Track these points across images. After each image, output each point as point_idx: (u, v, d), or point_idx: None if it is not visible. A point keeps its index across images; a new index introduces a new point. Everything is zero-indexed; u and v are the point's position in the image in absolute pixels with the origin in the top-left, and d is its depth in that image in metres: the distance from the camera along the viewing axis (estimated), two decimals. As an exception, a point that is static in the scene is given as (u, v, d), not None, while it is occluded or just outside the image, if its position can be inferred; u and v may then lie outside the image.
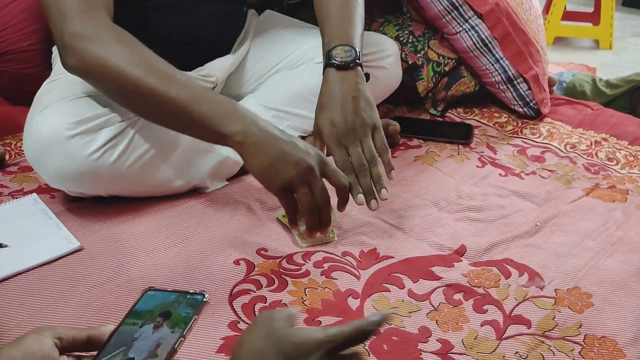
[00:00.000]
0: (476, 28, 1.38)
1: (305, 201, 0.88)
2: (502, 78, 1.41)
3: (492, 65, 1.40)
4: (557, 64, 2.38)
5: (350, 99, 0.99)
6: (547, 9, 3.07)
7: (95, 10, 0.90)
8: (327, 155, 0.96)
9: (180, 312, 0.55)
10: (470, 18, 1.37)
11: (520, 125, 1.42)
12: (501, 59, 1.39)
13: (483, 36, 1.38)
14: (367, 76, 1.05)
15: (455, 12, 1.37)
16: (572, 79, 1.78)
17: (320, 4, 1.11)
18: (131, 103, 0.93)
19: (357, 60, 1.01)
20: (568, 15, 3.17)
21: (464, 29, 1.38)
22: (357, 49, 1.02)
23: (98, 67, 0.88)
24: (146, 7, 1.07)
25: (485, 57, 1.40)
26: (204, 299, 0.56)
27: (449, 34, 1.41)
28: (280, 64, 1.26)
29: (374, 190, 0.96)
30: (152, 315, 0.55)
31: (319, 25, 1.11)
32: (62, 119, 0.93)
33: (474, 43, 1.39)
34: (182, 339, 0.53)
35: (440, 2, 1.37)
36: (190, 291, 0.58)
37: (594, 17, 3.16)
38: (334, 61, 1.01)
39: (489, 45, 1.39)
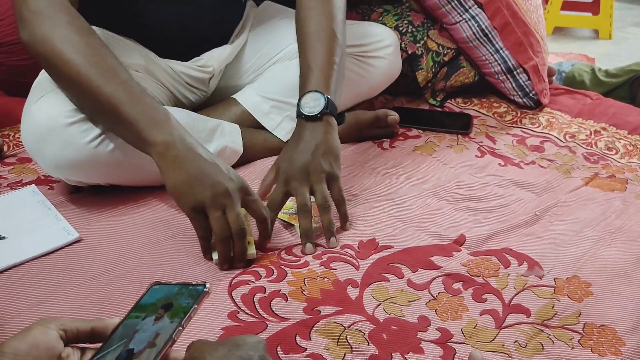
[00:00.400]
0: (476, 18, 1.37)
1: (217, 226, 0.85)
2: (501, 68, 1.41)
3: (492, 55, 1.40)
4: (557, 54, 2.38)
5: (314, 145, 0.96)
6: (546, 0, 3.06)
7: None
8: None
9: (181, 302, 0.55)
10: (470, 8, 1.36)
11: (519, 115, 1.42)
12: (501, 49, 1.39)
13: (483, 26, 1.37)
14: (343, 118, 1.03)
15: (455, 1, 1.37)
16: (572, 68, 1.77)
17: (300, 25, 1.07)
18: (68, 89, 0.93)
19: (326, 110, 0.98)
20: (567, 5, 3.16)
21: (464, 19, 1.38)
22: (328, 97, 0.99)
23: (44, 46, 0.89)
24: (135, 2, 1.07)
25: (485, 47, 1.39)
26: (205, 289, 0.56)
27: (448, 23, 1.40)
28: (279, 55, 1.26)
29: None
30: (155, 308, 0.56)
31: (297, 42, 1.08)
32: (60, 107, 0.93)
33: (474, 33, 1.38)
34: (180, 328, 0.53)
35: None
36: (193, 282, 0.58)
37: (593, 7, 3.16)
38: (302, 112, 0.99)
39: (489, 35, 1.38)
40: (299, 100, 1.00)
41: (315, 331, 0.78)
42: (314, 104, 0.99)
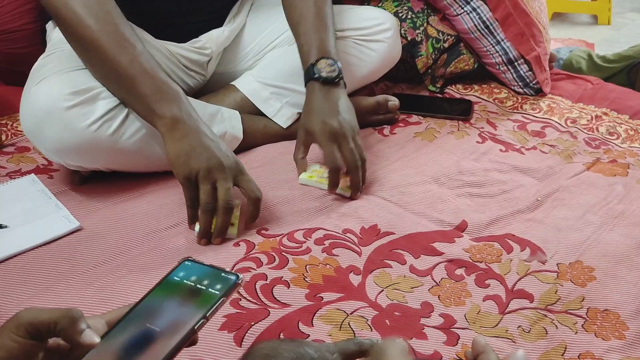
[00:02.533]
0: (478, 10, 1.36)
1: (204, 198, 0.88)
2: (502, 59, 1.40)
3: (493, 47, 1.39)
4: (555, 40, 2.37)
5: (337, 105, 1.03)
6: (545, -16, 3.04)
7: None
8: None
9: (210, 290, 0.51)
10: (472, 0, 1.35)
11: (520, 100, 1.41)
12: (502, 40, 1.38)
13: (484, 18, 1.36)
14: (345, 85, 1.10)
15: None
16: (569, 55, 1.77)
17: (289, 2, 1.13)
18: (84, 54, 0.96)
19: (341, 75, 1.06)
20: (567, -10, 3.15)
21: (465, 11, 1.37)
22: (339, 63, 1.06)
23: (65, 8, 0.92)
24: None
25: (486, 38, 1.39)
26: (237, 281, 0.52)
27: (450, 15, 1.40)
28: (278, 40, 1.25)
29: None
30: (182, 289, 0.51)
31: (290, 25, 1.13)
32: (60, 90, 0.93)
33: (475, 25, 1.37)
34: (205, 320, 0.49)
35: None
36: (226, 269, 0.53)
37: (592, -8, 3.14)
38: (319, 76, 1.05)
39: (490, 27, 1.37)
40: (314, 65, 1.05)
41: (318, 317, 0.77)
42: (330, 69, 1.05)
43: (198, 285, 0.51)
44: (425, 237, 0.94)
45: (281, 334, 0.75)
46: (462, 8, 1.37)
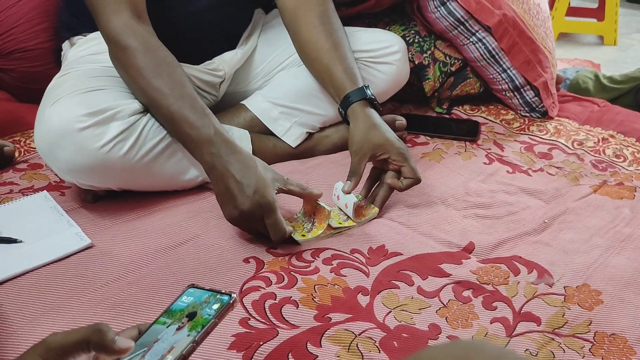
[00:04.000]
0: (483, 40, 1.38)
1: (254, 235, 0.97)
2: (509, 86, 1.42)
3: (500, 74, 1.41)
4: (562, 60, 2.38)
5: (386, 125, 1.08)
6: (551, 5, 3.06)
7: (120, 11, 0.98)
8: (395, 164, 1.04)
9: (204, 313, 0.53)
10: (476, 32, 1.38)
11: (527, 122, 1.42)
12: (508, 68, 1.40)
13: (490, 48, 1.38)
14: None
15: (462, 27, 1.38)
16: (576, 75, 1.78)
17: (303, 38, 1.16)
18: (139, 94, 1.00)
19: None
20: (572, 11, 3.17)
21: (471, 42, 1.39)
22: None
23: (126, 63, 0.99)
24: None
25: (493, 67, 1.40)
26: (230, 300, 0.54)
27: (456, 44, 1.42)
28: (288, 61, 1.27)
29: None
30: (181, 315, 0.54)
31: (308, 58, 1.16)
32: (74, 111, 0.94)
33: (481, 54, 1.39)
34: (194, 344, 0.51)
35: (446, 19, 1.38)
36: (222, 291, 0.56)
37: (598, 13, 3.16)
38: (372, 97, 1.09)
39: (496, 57, 1.39)
40: (366, 87, 1.09)
41: (326, 338, 0.78)
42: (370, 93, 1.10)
43: (196, 310, 0.54)
44: (432, 258, 0.95)
45: (289, 354, 0.75)
46: (468, 39, 1.39)
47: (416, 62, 1.41)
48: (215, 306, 0.54)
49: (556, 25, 3.04)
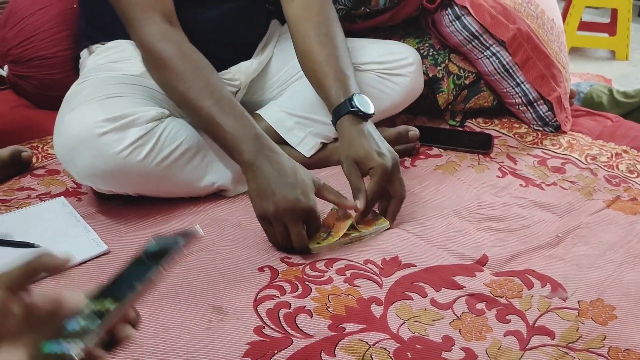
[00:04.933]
0: (497, 55, 1.39)
1: (280, 237, 0.95)
2: (522, 100, 1.42)
3: (513, 88, 1.41)
4: (573, 75, 2.39)
5: (376, 136, 1.05)
6: (563, 19, 3.07)
7: (152, 17, 0.99)
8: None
9: (168, 247, 0.54)
10: (491, 46, 1.38)
11: (540, 136, 1.42)
12: (522, 83, 1.40)
13: (504, 62, 1.39)
14: None
15: (476, 41, 1.38)
16: (590, 89, 1.78)
17: (308, 55, 1.13)
18: (176, 98, 1.02)
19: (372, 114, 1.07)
20: (584, 26, 3.18)
21: (485, 55, 1.39)
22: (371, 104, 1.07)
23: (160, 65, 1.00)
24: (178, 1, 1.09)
25: (506, 81, 1.41)
26: (193, 233, 0.55)
27: (471, 58, 1.43)
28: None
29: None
30: (146, 256, 0.54)
31: (307, 68, 1.14)
32: (93, 117, 0.96)
33: (495, 68, 1.40)
34: (161, 268, 0.52)
35: (460, 33, 1.39)
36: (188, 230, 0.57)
37: (610, 28, 3.17)
38: (361, 110, 1.04)
39: (510, 71, 1.40)
40: (349, 100, 1.05)
41: (340, 348, 0.78)
42: (366, 105, 1.06)
43: (161, 248, 0.55)
44: (446, 270, 0.95)
45: (304, 363, 0.76)
46: (482, 53, 1.39)
47: (430, 75, 1.42)
48: (181, 241, 0.55)
49: (568, 39, 3.03)
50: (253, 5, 1.24)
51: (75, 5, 1.32)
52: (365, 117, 1.05)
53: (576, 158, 1.33)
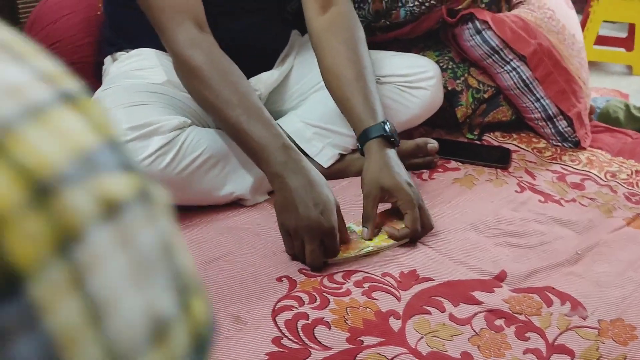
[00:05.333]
0: (517, 69, 1.38)
1: (297, 251, 0.95)
2: (541, 115, 1.42)
3: (533, 103, 1.41)
4: (590, 89, 2.38)
5: (403, 168, 1.05)
6: (580, 33, 3.06)
7: (183, 23, 1.00)
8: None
9: None
10: (511, 60, 1.38)
11: (559, 151, 1.42)
12: (542, 98, 1.40)
13: (524, 77, 1.38)
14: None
15: (496, 55, 1.38)
16: (606, 104, 1.77)
17: (333, 71, 1.13)
18: (205, 105, 1.04)
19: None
20: (601, 40, 3.16)
21: (505, 70, 1.39)
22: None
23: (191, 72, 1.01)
24: None
25: (526, 96, 1.41)
26: None
27: (490, 72, 1.43)
28: (322, 83, 1.28)
29: None
30: None
31: (332, 87, 1.13)
32: (117, 125, 0.96)
33: (515, 83, 1.40)
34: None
35: (481, 47, 1.38)
36: None
37: (627, 43, 3.15)
38: (391, 136, 1.05)
39: (530, 86, 1.39)
40: (384, 123, 1.05)
41: (358, 361, 0.78)
42: (395, 134, 1.07)
43: None
44: (464, 285, 0.95)
45: (322, 376, 0.76)
46: (502, 67, 1.39)
47: (449, 88, 1.42)
48: None
49: (585, 53, 3.04)
50: (278, 17, 1.25)
51: (99, 12, 1.33)
52: (394, 145, 1.06)
53: (595, 175, 1.33)
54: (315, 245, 0.93)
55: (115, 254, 0.20)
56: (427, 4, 1.38)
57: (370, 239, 1.02)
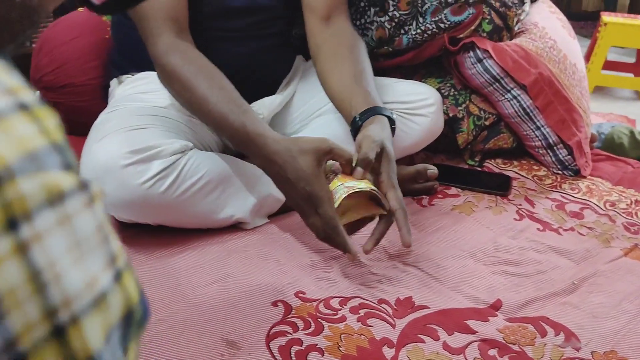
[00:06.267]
0: (518, 98, 1.40)
1: (313, 232, 0.97)
2: (542, 144, 1.43)
3: (533, 132, 1.42)
4: (597, 114, 2.38)
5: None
6: (587, 58, 3.07)
7: (163, 33, 1.04)
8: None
9: None
10: (512, 89, 1.40)
11: (559, 179, 1.42)
12: (542, 126, 1.41)
13: (525, 105, 1.40)
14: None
15: (497, 84, 1.40)
16: (611, 130, 1.77)
17: (333, 81, 1.15)
18: (186, 106, 1.08)
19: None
20: (609, 65, 3.16)
21: (506, 98, 1.41)
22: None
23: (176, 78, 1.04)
24: (206, 38, 1.13)
25: (527, 124, 1.42)
26: None
27: (491, 100, 1.44)
28: (324, 108, 1.30)
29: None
30: None
31: (331, 88, 1.15)
32: (119, 148, 0.99)
33: (515, 111, 1.41)
34: None
35: (482, 75, 1.40)
36: None
37: (635, 68, 3.15)
38: (391, 116, 1.06)
39: (530, 114, 1.41)
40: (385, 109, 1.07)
41: (350, 389, 0.79)
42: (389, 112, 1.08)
43: None
44: (459, 313, 0.95)
45: (313, 403, 0.76)
46: (503, 96, 1.41)
47: (450, 115, 1.43)
48: None
49: (592, 78, 3.04)
50: (284, 43, 1.28)
51: (107, 36, 1.36)
52: (393, 128, 1.06)
53: (595, 204, 1.33)
54: (313, 217, 0.95)
55: (57, 233, 0.25)
56: (429, 32, 1.40)
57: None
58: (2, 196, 0.23)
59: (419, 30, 1.40)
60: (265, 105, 1.24)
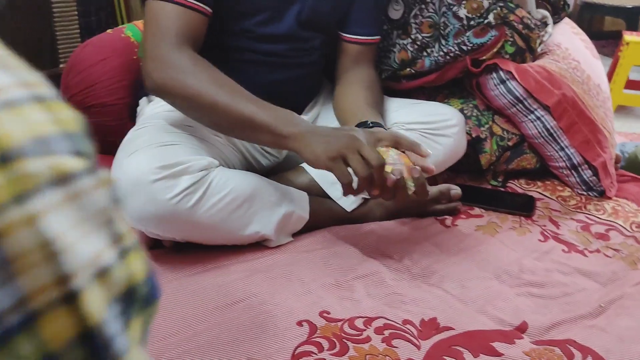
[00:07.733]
0: (541, 119, 1.39)
1: (358, 166, 0.97)
2: (566, 164, 1.42)
3: (557, 152, 1.41)
4: (619, 134, 2.36)
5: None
6: (609, 77, 3.05)
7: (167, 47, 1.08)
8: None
9: None
10: (535, 110, 1.39)
11: (583, 200, 1.41)
12: (566, 147, 1.40)
13: (548, 126, 1.39)
14: None
15: (520, 105, 1.40)
16: (634, 149, 1.76)
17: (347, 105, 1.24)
18: (204, 117, 1.09)
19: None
20: (631, 84, 3.14)
21: (530, 119, 1.41)
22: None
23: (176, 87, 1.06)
24: (235, 60, 1.15)
25: (551, 145, 1.41)
26: None
27: (515, 121, 1.44)
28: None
29: None
30: None
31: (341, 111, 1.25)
32: (149, 164, 1.00)
33: (539, 132, 1.40)
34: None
35: (505, 97, 1.40)
36: None
37: (658, 88, 3.13)
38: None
39: (554, 135, 1.40)
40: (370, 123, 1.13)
41: (376, 411, 0.78)
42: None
43: None
44: (484, 335, 0.95)
45: None
46: (526, 116, 1.40)
47: (473, 135, 1.44)
48: None
49: (614, 98, 3.01)
50: (318, 72, 1.30)
51: (135, 57, 1.39)
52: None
53: (621, 225, 1.31)
54: (371, 146, 0.98)
55: (65, 208, 0.26)
56: (451, 55, 1.40)
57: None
58: (12, 171, 0.25)
59: (441, 53, 1.41)
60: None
